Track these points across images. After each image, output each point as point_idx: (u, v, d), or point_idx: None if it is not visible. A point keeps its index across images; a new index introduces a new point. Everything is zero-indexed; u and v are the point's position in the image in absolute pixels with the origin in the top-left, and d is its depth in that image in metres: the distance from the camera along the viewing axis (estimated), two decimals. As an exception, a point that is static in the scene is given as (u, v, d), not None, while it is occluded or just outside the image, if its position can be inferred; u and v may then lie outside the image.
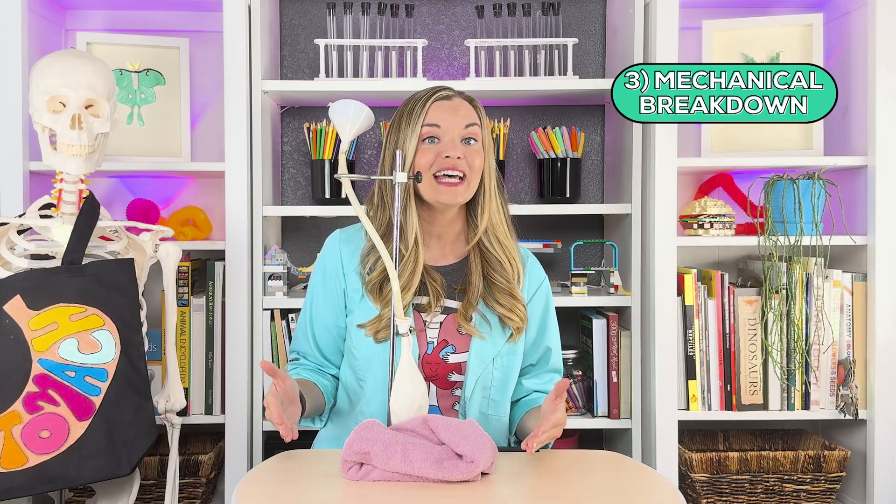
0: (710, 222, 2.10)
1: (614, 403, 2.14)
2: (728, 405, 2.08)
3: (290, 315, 2.12)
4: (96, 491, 1.65)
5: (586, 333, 2.23)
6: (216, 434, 2.23)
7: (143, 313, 1.63)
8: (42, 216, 1.65)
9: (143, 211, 2.18)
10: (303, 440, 1.87)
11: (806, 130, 2.17)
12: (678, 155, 2.04)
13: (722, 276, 2.08)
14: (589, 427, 2.17)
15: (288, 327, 2.12)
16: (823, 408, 2.08)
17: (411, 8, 2.25)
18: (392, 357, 1.41)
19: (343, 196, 2.19)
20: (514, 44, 2.21)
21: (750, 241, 2.09)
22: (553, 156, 2.21)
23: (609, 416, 2.14)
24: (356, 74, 2.21)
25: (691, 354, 2.07)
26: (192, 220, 2.19)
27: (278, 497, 1.21)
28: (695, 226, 2.11)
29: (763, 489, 2.04)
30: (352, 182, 1.46)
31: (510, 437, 1.63)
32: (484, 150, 1.55)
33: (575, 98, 2.30)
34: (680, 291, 2.06)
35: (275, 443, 2.16)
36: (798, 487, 2.04)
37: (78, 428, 1.49)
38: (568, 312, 2.26)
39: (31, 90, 1.63)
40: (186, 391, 2.06)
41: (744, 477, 2.04)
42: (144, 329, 1.63)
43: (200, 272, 2.17)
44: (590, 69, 2.38)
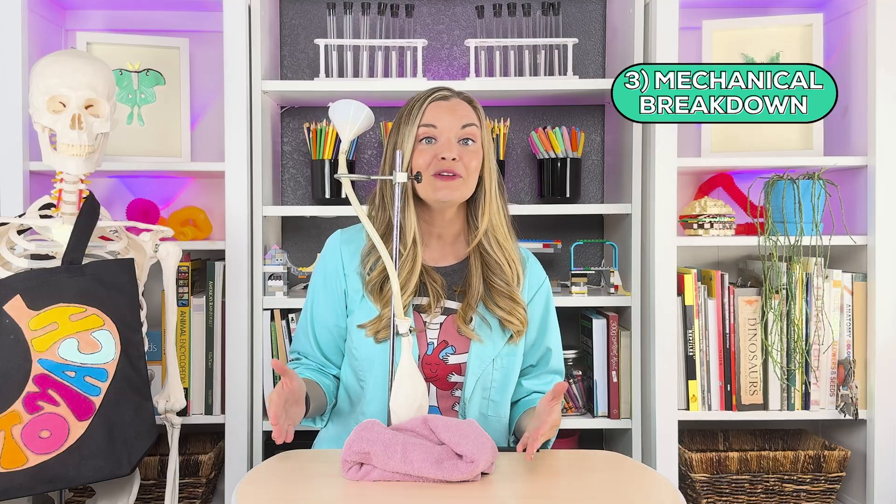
0: (710, 222, 2.10)
1: (614, 403, 2.14)
2: (728, 405, 2.08)
3: (290, 315, 2.12)
4: (96, 491, 1.65)
5: (586, 333, 2.23)
6: (216, 434, 2.23)
7: (143, 313, 1.63)
8: (42, 216, 1.65)
9: (143, 211, 2.18)
10: (303, 440, 1.87)
11: (806, 130, 2.17)
12: (678, 155, 2.04)
13: (722, 276, 2.08)
14: (589, 427, 2.17)
15: (288, 327, 2.12)
16: (823, 408, 2.08)
17: (411, 8, 2.25)
18: (392, 357, 1.41)
19: (343, 196, 2.19)
20: (514, 44, 2.20)
21: (750, 241, 2.09)
22: (553, 156, 2.21)
23: (609, 416, 2.14)
24: (356, 74, 2.21)
25: (691, 354, 2.07)
26: (192, 220, 2.19)
27: (278, 497, 1.21)
28: (695, 226, 2.11)
29: (763, 489, 2.04)
30: (352, 182, 1.46)
31: (510, 437, 1.63)
32: (483, 151, 1.55)
33: (575, 98, 2.30)
34: (680, 291, 2.06)
35: (275, 443, 2.16)
36: (798, 487, 2.04)
37: (78, 428, 1.49)
38: (568, 312, 2.26)
39: (31, 90, 1.63)
40: (186, 391, 2.06)
41: (744, 477, 2.04)
42: (144, 329, 1.63)
43: (200, 272, 2.17)
44: (590, 69, 2.38)
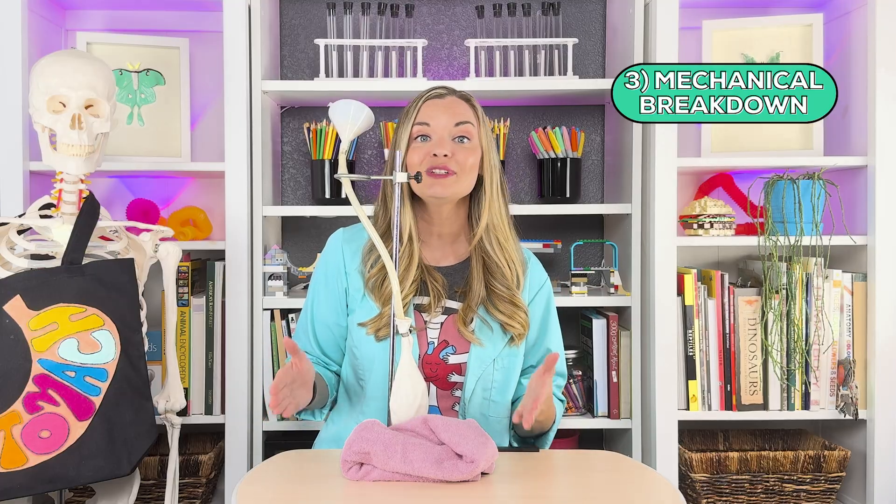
0: (710, 222, 2.10)
1: (614, 403, 2.14)
2: (728, 405, 2.08)
3: (290, 315, 2.12)
4: (96, 491, 1.65)
5: (586, 333, 2.23)
6: (216, 434, 2.23)
7: (143, 313, 1.63)
8: (42, 216, 1.65)
9: (143, 211, 2.18)
10: (303, 440, 1.87)
11: (806, 130, 2.17)
12: (678, 155, 2.04)
13: (722, 276, 2.08)
14: (589, 427, 2.17)
15: (288, 327, 2.11)
16: (823, 408, 2.08)
17: (411, 8, 2.25)
18: (392, 357, 1.41)
19: (343, 196, 2.19)
20: (514, 44, 2.20)
21: (750, 241, 2.09)
22: (553, 156, 2.21)
23: (609, 416, 2.14)
24: (356, 74, 2.21)
25: (691, 354, 2.07)
26: (192, 220, 2.19)
27: (278, 497, 1.21)
28: (695, 226, 2.11)
29: (763, 489, 2.04)
30: (352, 182, 1.46)
31: (510, 437, 1.63)
32: (481, 149, 1.55)
33: (575, 98, 2.29)
34: (680, 291, 2.06)
35: (275, 443, 2.16)
36: (798, 487, 2.04)
37: (78, 428, 1.49)
38: (568, 312, 2.26)
39: (31, 90, 1.63)
40: (186, 391, 2.06)
41: (744, 477, 2.03)
42: (144, 329, 1.63)
43: (200, 272, 2.17)
44: (590, 69, 2.38)
